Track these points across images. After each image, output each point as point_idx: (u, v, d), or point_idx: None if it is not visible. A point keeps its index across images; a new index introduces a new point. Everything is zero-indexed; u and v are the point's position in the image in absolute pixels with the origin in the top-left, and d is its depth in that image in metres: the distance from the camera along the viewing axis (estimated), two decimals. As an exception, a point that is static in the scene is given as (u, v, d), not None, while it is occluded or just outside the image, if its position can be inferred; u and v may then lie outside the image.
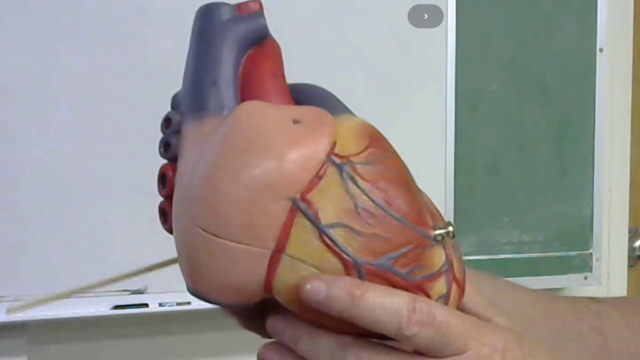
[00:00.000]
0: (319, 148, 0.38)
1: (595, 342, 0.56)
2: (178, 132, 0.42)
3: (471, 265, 1.36)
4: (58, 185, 1.17)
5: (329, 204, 0.37)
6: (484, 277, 0.55)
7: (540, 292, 0.59)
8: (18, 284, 1.15)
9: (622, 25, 1.57)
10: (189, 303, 1.21)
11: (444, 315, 0.36)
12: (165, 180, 0.42)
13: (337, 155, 0.39)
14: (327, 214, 0.37)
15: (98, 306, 1.17)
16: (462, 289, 0.41)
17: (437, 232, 0.39)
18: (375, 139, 0.40)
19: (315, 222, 0.37)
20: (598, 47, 1.46)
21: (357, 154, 0.39)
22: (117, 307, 1.19)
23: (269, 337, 0.42)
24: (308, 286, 0.36)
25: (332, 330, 0.38)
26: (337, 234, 0.37)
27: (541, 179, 1.43)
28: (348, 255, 0.37)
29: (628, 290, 1.62)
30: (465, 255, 1.34)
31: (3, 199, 1.15)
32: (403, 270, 0.37)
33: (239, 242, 0.37)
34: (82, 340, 1.29)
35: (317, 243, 0.37)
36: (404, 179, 0.40)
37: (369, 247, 0.37)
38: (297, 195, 0.37)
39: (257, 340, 0.44)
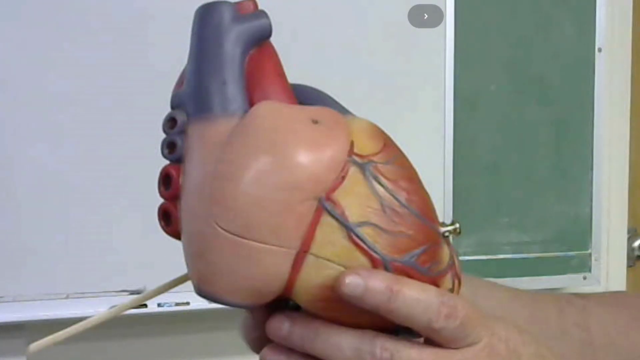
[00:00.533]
0: (341, 148, 0.39)
1: (579, 338, 0.56)
2: (183, 132, 0.42)
3: (470, 265, 1.36)
4: (57, 186, 1.17)
5: (355, 204, 0.38)
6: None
7: (521, 290, 0.59)
8: (18, 284, 1.15)
9: (621, 25, 1.57)
10: (187, 303, 1.21)
11: (466, 308, 0.37)
12: (169, 182, 0.42)
13: (357, 154, 0.39)
14: (353, 213, 0.38)
15: (97, 306, 1.17)
16: (460, 284, 0.42)
17: (446, 229, 0.40)
18: (387, 139, 0.41)
19: (342, 221, 0.38)
20: (597, 47, 1.46)
21: (377, 154, 0.39)
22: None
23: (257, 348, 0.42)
24: (347, 281, 0.36)
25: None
26: (365, 233, 0.37)
27: (540, 179, 1.43)
28: (376, 253, 0.38)
29: (627, 290, 1.61)
30: (465, 255, 1.34)
31: (3, 199, 1.15)
32: (424, 267, 0.39)
33: (264, 243, 0.38)
34: (81, 341, 1.28)
35: (345, 242, 0.37)
36: (417, 177, 0.41)
37: (394, 245, 0.38)
38: (323, 195, 0.38)
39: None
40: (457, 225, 0.41)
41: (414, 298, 0.36)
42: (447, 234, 0.40)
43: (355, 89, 1.27)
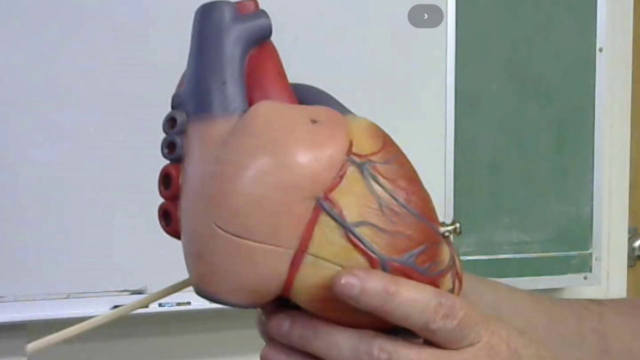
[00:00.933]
0: (340, 147, 0.39)
1: (596, 345, 0.56)
2: (183, 132, 0.41)
3: (471, 265, 1.36)
4: (58, 186, 1.16)
5: (353, 203, 0.38)
6: (483, 281, 0.56)
7: (541, 295, 0.59)
8: (19, 284, 1.15)
9: (622, 25, 1.56)
10: (188, 303, 1.20)
11: (464, 308, 0.37)
12: (169, 182, 0.42)
13: (355, 154, 0.39)
14: (351, 213, 0.37)
15: (98, 306, 1.17)
16: (461, 284, 0.42)
17: (446, 228, 0.40)
18: (387, 138, 0.41)
19: (340, 221, 0.37)
20: (598, 47, 1.45)
21: (375, 153, 0.39)
22: (117, 307, 1.18)
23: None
24: (342, 281, 0.36)
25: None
26: (363, 233, 0.37)
27: (541, 179, 1.42)
28: (374, 253, 0.37)
29: (628, 290, 1.61)
30: (465, 255, 1.34)
31: (4, 200, 1.14)
32: (422, 267, 0.38)
33: (262, 243, 0.37)
34: (81, 340, 1.27)
35: (343, 242, 0.37)
36: (416, 177, 0.41)
37: (393, 245, 0.38)
38: (321, 195, 0.38)
39: (257, 341, 0.44)
40: (458, 224, 0.41)
41: (410, 299, 0.36)
42: (447, 233, 0.40)
43: (355, 89, 1.27)
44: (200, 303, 0.43)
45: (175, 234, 0.42)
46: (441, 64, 1.35)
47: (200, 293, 0.40)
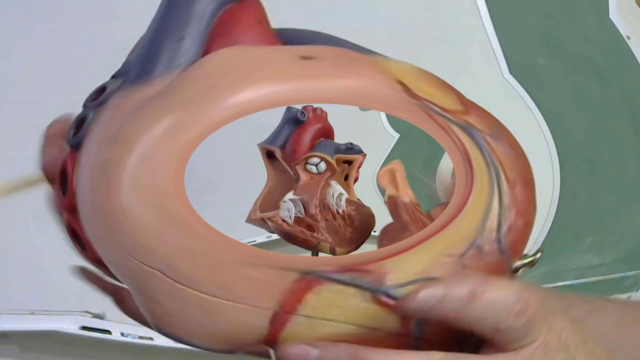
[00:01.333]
0: (376, 80, 0.26)
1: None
2: (103, 104, 0.30)
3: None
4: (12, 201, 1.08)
5: (424, 260, 0.28)
6: None
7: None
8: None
9: (635, 16, 1.47)
10: (151, 339, 1.11)
11: (535, 304, 0.34)
12: (65, 182, 0.30)
13: (430, 102, 0.26)
14: (404, 275, 0.28)
15: (69, 323, 1.11)
16: None
17: (523, 262, 0.34)
18: (460, 94, 0.29)
19: (370, 287, 0.28)
20: (625, 35, 1.33)
21: (464, 113, 0.27)
22: (84, 328, 1.12)
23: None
24: (421, 295, 0.32)
25: None
26: (403, 292, 0.29)
27: (630, 180, 1.24)
28: None
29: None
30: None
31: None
32: None
33: (212, 295, 0.28)
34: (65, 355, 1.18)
35: (363, 304, 0.29)
36: (531, 174, 0.30)
37: None
38: (328, 268, 0.27)
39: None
40: (538, 256, 0.35)
41: (491, 299, 0.33)
42: (520, 266, 0.34)
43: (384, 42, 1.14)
44: (163, 340, 0.31)
45: (98, 262, 0.31)
46: (481, 31, 1.15)
47: (160, 332, 0.31)
